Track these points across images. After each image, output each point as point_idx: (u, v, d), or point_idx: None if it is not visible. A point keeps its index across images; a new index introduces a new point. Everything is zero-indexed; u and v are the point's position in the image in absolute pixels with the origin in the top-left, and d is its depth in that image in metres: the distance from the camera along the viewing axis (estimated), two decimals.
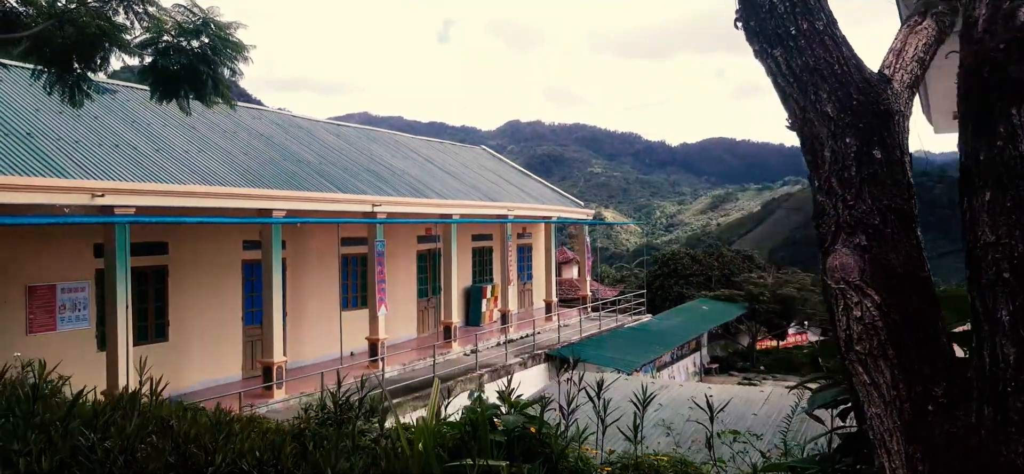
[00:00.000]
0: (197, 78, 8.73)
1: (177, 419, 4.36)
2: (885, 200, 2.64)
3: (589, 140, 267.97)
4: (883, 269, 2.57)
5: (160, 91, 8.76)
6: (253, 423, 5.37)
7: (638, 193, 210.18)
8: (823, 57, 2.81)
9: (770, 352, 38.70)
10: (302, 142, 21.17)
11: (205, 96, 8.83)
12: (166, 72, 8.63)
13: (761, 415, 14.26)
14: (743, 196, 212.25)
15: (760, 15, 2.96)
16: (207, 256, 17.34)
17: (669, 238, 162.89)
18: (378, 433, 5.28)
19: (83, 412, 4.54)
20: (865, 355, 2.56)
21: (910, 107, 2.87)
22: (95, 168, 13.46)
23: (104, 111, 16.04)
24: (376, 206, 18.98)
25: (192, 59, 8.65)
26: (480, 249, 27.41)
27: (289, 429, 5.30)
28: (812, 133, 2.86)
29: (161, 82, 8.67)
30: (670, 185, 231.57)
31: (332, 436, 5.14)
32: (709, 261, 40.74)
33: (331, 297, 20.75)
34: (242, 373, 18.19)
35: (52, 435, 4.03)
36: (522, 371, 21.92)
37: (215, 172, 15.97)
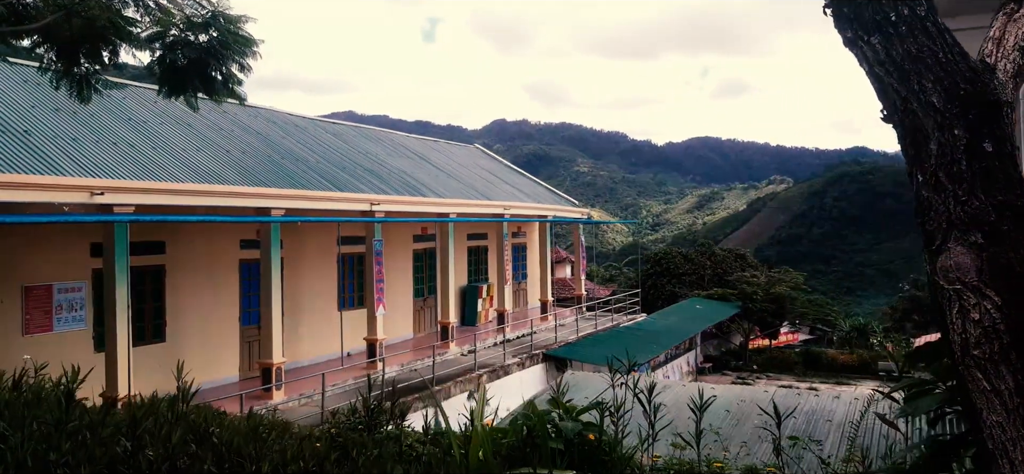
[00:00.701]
0: (206, 73, 8.52)
1: (217, 426, 4.17)
2: (999, 196, 2.51)
3: (575, 139, 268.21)
4: (1002, 269, 2.44)
5: (168, 86, 8.54)
6: (285, 429, 5.19)
7: (624, 192, 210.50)
8: (926, 45, 2.67)
9: (762, 351, 38.77)
10: (298, 140, 20.93)
11: (214, 91, 8.63)
12: (174, 67, 8.42)
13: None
14: (729, 195, 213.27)
15: (855, 1, 2.83)
16: (204, 256, 17.08)
17: (655, 237, 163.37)
18: (419, 438, 5.12)
19: (116, 418, 4.36)
20: (984, 360, 2.43)
21: (1016, 98, 2.75)
22: (93, 166, 13.20)
23: (100, 108, 15.73)
24: (375, 205, 18.78)
25: (201, 53, 8.44)
26: (475, 248, 27.24)
27: (321, 434, 5.11)
28: (915, 125, 2.73)
29: (169, 77, 8.46)
30: (656, 184, 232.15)
31: (377, 442, 4.99)
32: (701, 260, 40.75)
33: (328, 297, 20.53)
34: (239, 374, 17.94)
35: (87, 443, 3.85)
36: (520, 371, 21.80)
37: (214, 170, 15.72)
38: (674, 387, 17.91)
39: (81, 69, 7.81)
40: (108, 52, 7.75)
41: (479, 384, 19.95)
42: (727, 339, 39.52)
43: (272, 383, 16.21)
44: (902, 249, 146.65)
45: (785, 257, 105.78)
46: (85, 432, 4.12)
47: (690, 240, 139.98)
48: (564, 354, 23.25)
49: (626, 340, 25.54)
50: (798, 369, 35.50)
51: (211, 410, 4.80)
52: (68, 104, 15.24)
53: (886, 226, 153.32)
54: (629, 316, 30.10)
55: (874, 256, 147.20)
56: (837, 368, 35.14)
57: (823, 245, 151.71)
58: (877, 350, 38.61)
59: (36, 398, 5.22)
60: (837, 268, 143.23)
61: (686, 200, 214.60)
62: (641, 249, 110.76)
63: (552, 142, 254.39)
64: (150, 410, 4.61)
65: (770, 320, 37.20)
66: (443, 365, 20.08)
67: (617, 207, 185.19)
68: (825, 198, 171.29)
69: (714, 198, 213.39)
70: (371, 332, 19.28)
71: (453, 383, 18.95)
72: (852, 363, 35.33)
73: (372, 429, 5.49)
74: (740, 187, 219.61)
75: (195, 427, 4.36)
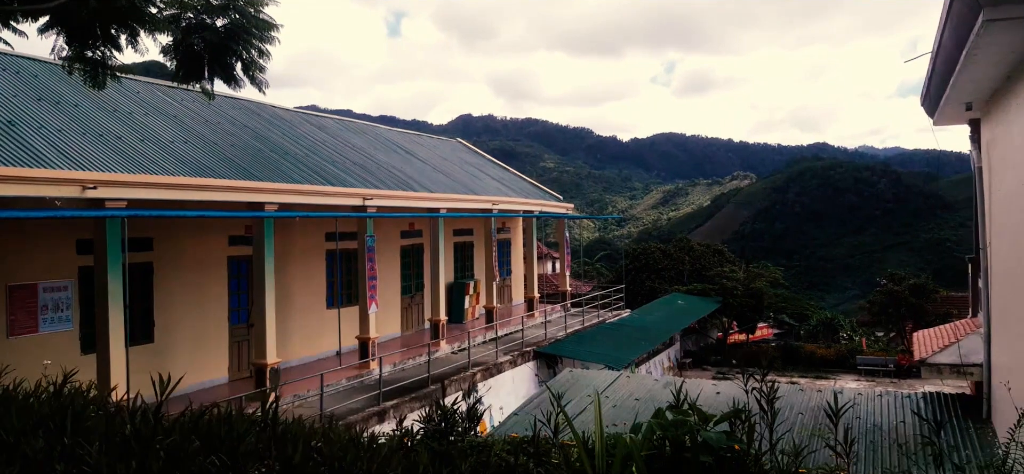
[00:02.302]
0: (223, 58, 8.06)
1: (323, 441, 3.77)
2: None
3: (541, 135, 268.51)
4: None
5: (184, 71, 8.07)
6: (361, 443, 4.79)
7: (590, 188, 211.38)
8: None
9: (740, 346, 38.92)
10: (285, 133, 20.31)
11: (232, 79, 8.17)
12: (191, 52, 7.95)
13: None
14: (693, 191, 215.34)
15: None
16: (192, 253, 16.45)
17: (621, 233, 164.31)
18: (508, 446, 4.77)
19: (182, 427, 3.94)
20: None
21: None
22: (82, 158, 12.54)
23: (83, 99, 15.06)
24: (367, 200, 18.29)
25: (219, 37, 7.99)
26: (461, 244, 26.85)
27: (394, 445, 4.72)
28: None
29: (186, 62, 7.98)
30: (622, 180, 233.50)
31: (465, 451, 4.63)
32: (680, 255, 40.79)
33: (317, 295, 20.01)
34: (228, 375, 17.34)
35: (149, 461, 3.43)
36: (512, 369, 21.49)
37: (204, 164, 15.11)
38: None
39: (96, 53, 7.29)
40: (126, 35, 7.24)
41: (472, 382, 19.61)
42: (704, 335, 39.61)
43: (267, 384, 15.63)
44: (863, 244, 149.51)
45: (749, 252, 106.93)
46: (151, 441, 3.72)
47: (656, 235, 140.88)
48: (555, 351, 22.99)
49: (615, 336, 25.39)
50: (778, 364, 35.68)
51: (302, 423, 4.39)
52: (50, 94, 14.58)
53: (847, 221, 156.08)
54: (614, 312, 29.95)
55: (835, 251, 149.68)
56: (815, 362, 35.40)
57: (785, 240, 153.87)
58: (847, 343, 39.06)
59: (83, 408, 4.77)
60: (799, 263, 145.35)
61: (652, 195, 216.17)
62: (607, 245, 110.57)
63: (518, 138, 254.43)
64: (228, 417, 4.20)
65: (749, 315, 37.38)
66: (436, 364, 19.67)
67: (583, 203, 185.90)
68: (787, 194, 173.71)
69: (679, 194, 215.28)
70: (363, 330, 18.79)
71: (449, 382, 18.55)
72: (830, 357, 35.63)
73: (447, 437, 5.13)
74: (704, 183, 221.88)
75: (300, 441, 3.97)
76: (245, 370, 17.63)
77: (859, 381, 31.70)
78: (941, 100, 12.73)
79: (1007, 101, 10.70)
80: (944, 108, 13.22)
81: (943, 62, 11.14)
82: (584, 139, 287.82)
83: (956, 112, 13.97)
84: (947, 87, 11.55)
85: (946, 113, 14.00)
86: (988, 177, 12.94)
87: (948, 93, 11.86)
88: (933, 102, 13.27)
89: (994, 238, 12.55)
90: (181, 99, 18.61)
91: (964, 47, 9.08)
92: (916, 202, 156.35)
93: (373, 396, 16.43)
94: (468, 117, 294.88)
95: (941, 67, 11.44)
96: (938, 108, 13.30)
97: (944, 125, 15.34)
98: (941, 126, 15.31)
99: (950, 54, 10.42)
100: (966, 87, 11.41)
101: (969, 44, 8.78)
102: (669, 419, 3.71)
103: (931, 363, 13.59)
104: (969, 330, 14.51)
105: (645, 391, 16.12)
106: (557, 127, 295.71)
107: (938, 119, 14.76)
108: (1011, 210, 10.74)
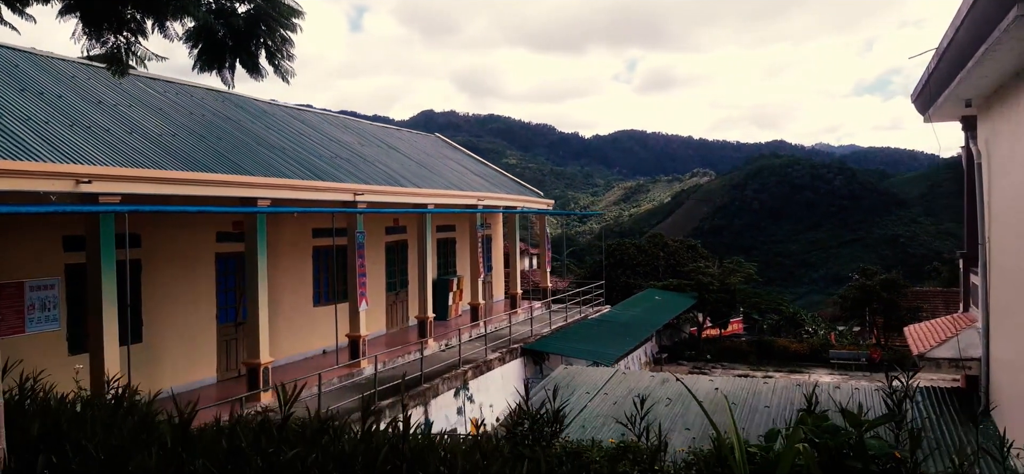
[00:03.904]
0: (247, 45, 7.72)
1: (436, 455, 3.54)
2: None
3: (503, 131, 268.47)
4: None
5: (203, 60, 7.71)
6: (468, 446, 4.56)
7: (552, 185, 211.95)
8: None
9: (714, 341, 39.31)
10: (269, 127, 19.82)
11: (256, 66, 7.84)
12: (212, 39, 7.59)
13: None
14: (654, 187, 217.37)
15: None
16: (181, 249, 15.94)
17: (583, 229, 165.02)
18: (608, 453, 4.58)
19: (303, 437, 3.68)
20: None
21: None
22: (72, 151, 12.02)
23: (67, 91, 14.50)
24: (358, 195, 17.92)
25: (243, 23, 7.63)
26: (444, 240, 26.57)
27: (492, 448, 4.50)
28: None
29: (207, 50, 7.62)
30: (584, 177, 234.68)
31: (560, 457, 4.45)
32: (654, 251, 41.03)
33: (304, 292, 19.59)
34: (217, 375, 16.86)
35: None
36: (501, 366, 21.32)
37: (196, 158, 14.63)
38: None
39: (118, 40, 6.90)
40: (153, 19, 6.86)
41: (463, 380, 19.39)
42: (678, 330, 39.89)
43: (260, 384, 15.22)
44: (819, 240, 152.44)
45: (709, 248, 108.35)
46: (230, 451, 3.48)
47: (617, 232, 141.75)
48: (542, 348, 22.86)
49: (599, 332, 25.37)
50: (752, 358, 36.12)
51: (393, 431, 4.15)
52: (32, 83, 13.97)
53: (803, 217, 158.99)
54: (595, 308, 29.94)
55: (792, 247, 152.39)
56: (789, 357, 35.89)
57: (744, 236, 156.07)
58: (816, 337, 39.67)
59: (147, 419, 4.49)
60: (757, 258, 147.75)
61: (613, 192, 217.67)
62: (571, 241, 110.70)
63: (480, 134, 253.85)
64: (324, 429, 3.97)
65: (724, 310, 37.74)
66: (426, 361, 19.38)
67: None
68: (746, 190, 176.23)
69: (640, 190, 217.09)
70: (354, 328, 18.42)
71: (440, 380, 18.30)
72: (803, 351, 36.16)
73: (537, 441, 4.93)
74: (665, 179, 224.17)
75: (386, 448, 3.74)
76: (234, 370, 17.16)
77: (833, 375, 32.20)
78: (941, 96, 12.85)
79: (1016, 97, 10.80)
80: (942, 104, 13.36)
81: (952, 58, 11.23)
82: (546, 136, 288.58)
83: (953, 108, 14.13)
84: (952, 83, 11.66)
85: (943, 110, 14.14)
86: (988, 173, 13.09)
87: (952, 89, 11.97)
88: (930, 98, 13.39)
89: (994, 233, 12.71)
90: (163, 90, 18.04)
91: (985, 42, 9.13)
92: (870, 199, 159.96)
93: (367, 395, 16.09)
94: (430, 113, 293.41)
95: (949, 63, 11.53)
96: (935, 104, 13.43)
97: (937, 121, 15.51)
98: (933, 122, 15.47)
99: (963, 50, 10.49)
100: (974, 83, 11.52)
101: (992, 39, 8.82)
102: (821, 425, 3.53)
103: (930, 357, 13.73)
104: (963, 325, 14.73)
105: (643, 387, 16.04)
106: (520, 123, 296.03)
107: (932, 116, 14.91)
108: (1018, 205, 10.86)
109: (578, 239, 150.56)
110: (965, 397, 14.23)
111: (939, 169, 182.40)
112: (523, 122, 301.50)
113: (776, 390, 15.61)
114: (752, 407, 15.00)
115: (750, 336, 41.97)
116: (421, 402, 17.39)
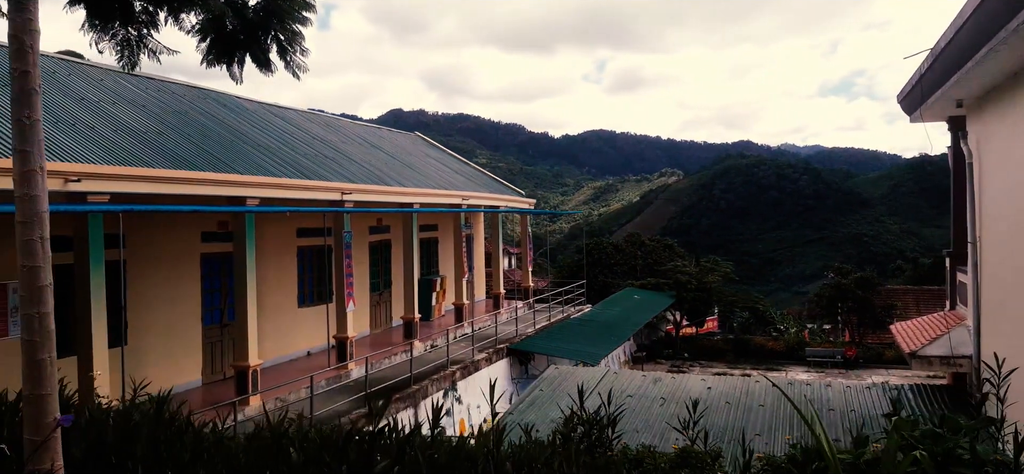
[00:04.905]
0: (258, 38, 7.49)
1: None
2: None
3: (473, 131, 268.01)
4: None
5: (214, 53, 7.46)
6: None
7: (522, 184, 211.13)
8: None
9: (690, 339, 39.48)
10: (253, 125, 19.45)
11: (266, 61, 7.60)
12: (222, 31, 7.35)
13: None
14: (623, 187, 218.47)
15: None
16: (166, 250, 15.57)
17: (553, 228, 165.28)
18: (671, 460, 4.48)
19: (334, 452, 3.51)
20: None
21: None
22: (58, 149, 11.64)
23: (49, 86, 14.03)
24: (346, 195, 17.66)
25: (255, 15, 7.41)
26: (426, 240, 26.33)
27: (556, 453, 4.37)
28: None
29: (217, 43, 7.38)
30: (553, 176, 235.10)
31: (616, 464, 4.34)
32: (631, 250, 41.17)
33: (288, 293, 19.26)
34: (202, 378, 16.49)
35: None
36: (488, 366, 21.18)
37: (184, 156, 14.27)
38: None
39: (128, 33, 6.65)
40: (166, 11, 6.62)
41: (452, 381, 19.21)
42: (655, 328, 40.03)
43: (248, 388, 14.90)
44: (785, 239, 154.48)
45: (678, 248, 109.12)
46: None
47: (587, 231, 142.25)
48: (528, 348, 22.76)
49: (583, 332, 25.34)
50: (729, 356, 36.35)
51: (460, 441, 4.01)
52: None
53: (769, 217, 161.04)
54: (577, 307, 29.92)
55: (758, 246, 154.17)
56: (765, 354, 36.16)
57: (711, 235, 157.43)
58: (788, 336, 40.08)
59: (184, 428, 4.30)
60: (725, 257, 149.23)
61: (583, 191, 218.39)
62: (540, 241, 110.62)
63: (450, 133, 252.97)
64: (411, 439, 3.82)
65: (701, 309, 37.95)
66: (413, 363, 19.20)
67: None
68: (713, 190, 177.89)
69: (609, 190, 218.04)
70: (341, 329, 18.14)
71: (429, 382, 18.11)
72: (779, 349, 36.46)
73: (596, 446, 4.82)
74: (634, 179, 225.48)
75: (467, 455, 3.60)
76: (219, 373, 16.81)
77: (809, 372, 32.55)
78: (932, 97, 12.98)
79: (1012, 98, 10.92)
80: (933, 104, 13.50)
81: (950, 59, 11.34)
82: (516, 135, 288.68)
83: (944, 109, 14.28)
84: (947, 83, 11.77)
85: (933, 110, 14.29)
86: (979, 173, 13.24)
87: (946, 89, 12.08)
88: (921, 98, 13.52)
89: (986, 233, 12.86)
90: (144, 87, 17.60)
91: (988, 42, 9.21)
92: (835, 198, 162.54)
93: (358, 397, 15.86)
94: (399, 111, 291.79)
95: (945, 63, 11.65)
96: (925, 104, 13.56)
97: (924, 122, 15.66)
98: (921, 122, 15.62)
99: (963, 51, 10.59)
100: (969, 83, 11.65)
101: (997, 39, 8.90)
102: (917, 431, 3.45)
103: (922, 355, 13.88)
104: (952, 322, 14.90)
105: (636, 388, 16.01)
106: (490, 123, 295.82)
107: (921, 116, 15.06)
108: (1013, 204, 10.98)
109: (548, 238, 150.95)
110: (955, 393, 14.40)
111: (901, 169, 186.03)
112: (493, 121, 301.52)
113: (768, 389, 15.63)
114: (746, 406, 15.00)
115: (724, 334, 42.27)
116: (411, 404, 17.18)
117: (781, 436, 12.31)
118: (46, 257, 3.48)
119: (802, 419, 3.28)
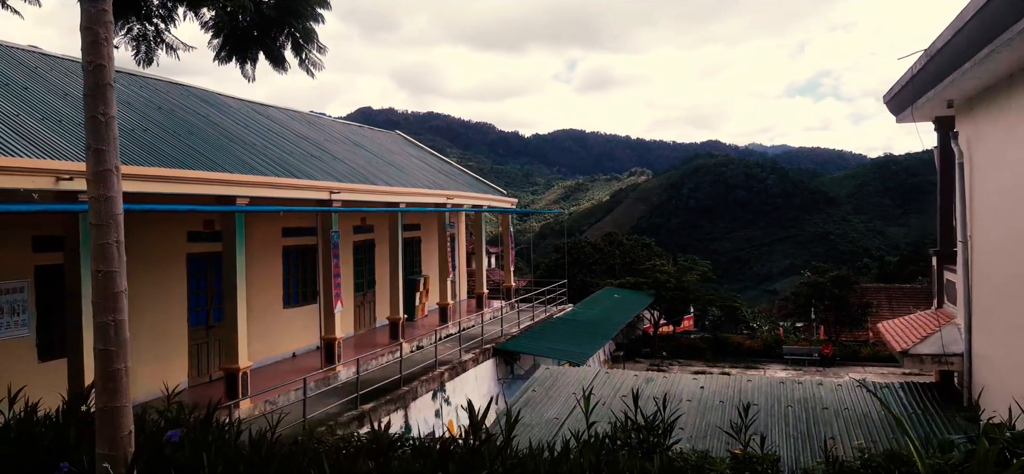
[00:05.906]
0: (272, 36, 7.33)
1: None
2: None
3: (443, 129, 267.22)
4: None
5: (227, 50, 7.28)
6: None
7: (493, 183, 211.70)
8: None
9: (668, 338, 39.76)
10: (238, 122, 19.09)
11: (280, 58, 7.42)
12: (236, 28, 7.17)
13: None
14: (593, 186, 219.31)
15: None
16: (153, 250, 15.22)
17: (523, 227, 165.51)
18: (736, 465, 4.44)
19: None
20: None
21: None
22: (47, 146, 11.30)
23: (32, 82, 13.62)
24: (334, 194, 17.43)
25: (269, 11, 7.25)
26: (410, 240, 26.11)
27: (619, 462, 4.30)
28: None
29: (230, 39, 7.20)
30: (524, 176, 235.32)
31: None
32: (610, 250, 41.31)
33: (273, 294, 18.97)
34: (188, 381, 16.16)
35: None
36: (475, 367, 21.08)
37: (172, 154, 13.93)
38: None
39: (145, 27, 6.47)
40: (185, 6, 6.44)
41: (441, 382, 19.08)
42: (633, 327, 40.23)
43: (238, 390, 14.63)
44: (753, 237, 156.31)
45: None
46: None
47: (557, 230, 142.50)
48: (514, 348, 22.69)
49: (566, 331, 25.34)
50: (707, 355, 36.65)
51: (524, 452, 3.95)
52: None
53: (737, 216, 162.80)
54: (559, 307, 29.92)
55: (727, 244, 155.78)
56: (743, 353, 36.53)
57: (680, 234, 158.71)
58: (763, 334, 40.55)
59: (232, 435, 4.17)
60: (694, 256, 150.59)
61: (553, 191, 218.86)
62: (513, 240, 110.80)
63: (420, 132, 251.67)
64: (481, 449, 3.76)
65: (679, 307, 38.21)
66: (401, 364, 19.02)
67: None
68: (682, 189, 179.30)
69: (579, 190, 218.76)
70: (329, 330, 17.91)
71: (418, 383, 17.96)
72: (756, 347, 36.87)
73: (653, 450, 4.77)
74: (603, 179, 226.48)
75: None
76: (205, 374, 16.49)
77: (787, 370, 32.92)
78: (924, 96, 13.12)
79: (1006, 99, 11.07)
80: (924, 105, 13.66)
81: (946, 59, 11.46)
82: (487, 134, 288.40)
83: (934, 109, 14.46)
84: (941, 83, 11.90)
85: (923, 110, 14.46)
86: (970, 173, 13.41)
87: (938, 89, 12.22)
88: (912, 98, 13.67)
89: (977, 233, 13.03)
90: (127, 83, 17.18)
91: (991, 42, 9.31)
92: (802, 197, 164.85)
93: (348, 400, 15.67)
94: (368, 110, 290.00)
95: (941, 64, 11.77)
96: (915, 104, 13.72)
97: (911, 122, 15.85)
98: (908, 122, 15.79)
99: (961, 51, 10.71)
100: (965, 84, 11.79)
101: (999, 40, 9.01)
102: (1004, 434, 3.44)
103: (913, 354, 14.04)
104: (941, 321, 15.11)
105: (628, 388, 15.97)
106: (460, 122, 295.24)
107: (911, 116, 15.22)
108: (1005, 205, 11.14)
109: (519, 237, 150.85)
110: (943, 391, 14.58)
111: (866, 169, 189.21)
112: (463, 120, 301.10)
113: (759, 387, 15.69)
114: (742, 405, 15.00)
115: (701, 333, 42.62)
116: (401, 406, 17.02)
117: (780, 434, 12.39)
118: (122, 261, 3.34)
119: (895, 420, 3.24)
